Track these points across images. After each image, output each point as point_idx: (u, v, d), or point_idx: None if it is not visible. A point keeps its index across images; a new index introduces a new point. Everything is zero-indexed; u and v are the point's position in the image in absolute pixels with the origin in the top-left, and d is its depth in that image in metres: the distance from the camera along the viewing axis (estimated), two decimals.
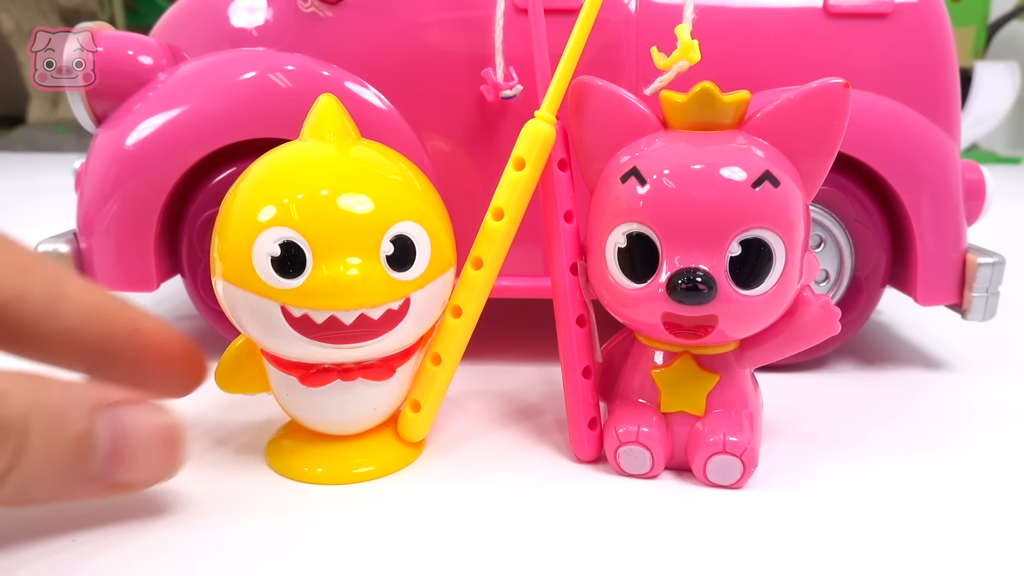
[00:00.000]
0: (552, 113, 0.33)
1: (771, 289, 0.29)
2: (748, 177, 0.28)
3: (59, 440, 0.25)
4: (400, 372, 0.32)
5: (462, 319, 0.33)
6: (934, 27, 0.44)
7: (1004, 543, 0.28)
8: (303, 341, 0.29)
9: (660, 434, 0.32)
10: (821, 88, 0.29)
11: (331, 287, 0.28)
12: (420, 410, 0.33)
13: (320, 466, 0.33)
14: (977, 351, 0.50)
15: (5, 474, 0.24)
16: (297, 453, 0.33)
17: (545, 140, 0.33)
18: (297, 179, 0.29)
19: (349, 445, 0.33)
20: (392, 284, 0.29)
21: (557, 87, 0.33)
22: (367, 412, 0.33)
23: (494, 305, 0.60)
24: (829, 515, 0.30)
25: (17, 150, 1.87)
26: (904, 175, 0.42)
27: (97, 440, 0.26)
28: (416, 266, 0.30)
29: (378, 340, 0.30)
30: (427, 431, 0.34)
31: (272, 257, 0.28)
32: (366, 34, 0.43)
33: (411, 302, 0.30)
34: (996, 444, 0.37)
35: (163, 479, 0.29)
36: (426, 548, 0.28)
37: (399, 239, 0.29)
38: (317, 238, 0.28)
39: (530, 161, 0.33)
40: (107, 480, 0.27)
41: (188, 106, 0.41)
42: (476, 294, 0.33)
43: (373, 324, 0.29)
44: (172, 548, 0.28)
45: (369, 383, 0.31)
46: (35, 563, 0.27)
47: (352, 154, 0.31)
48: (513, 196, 0.33)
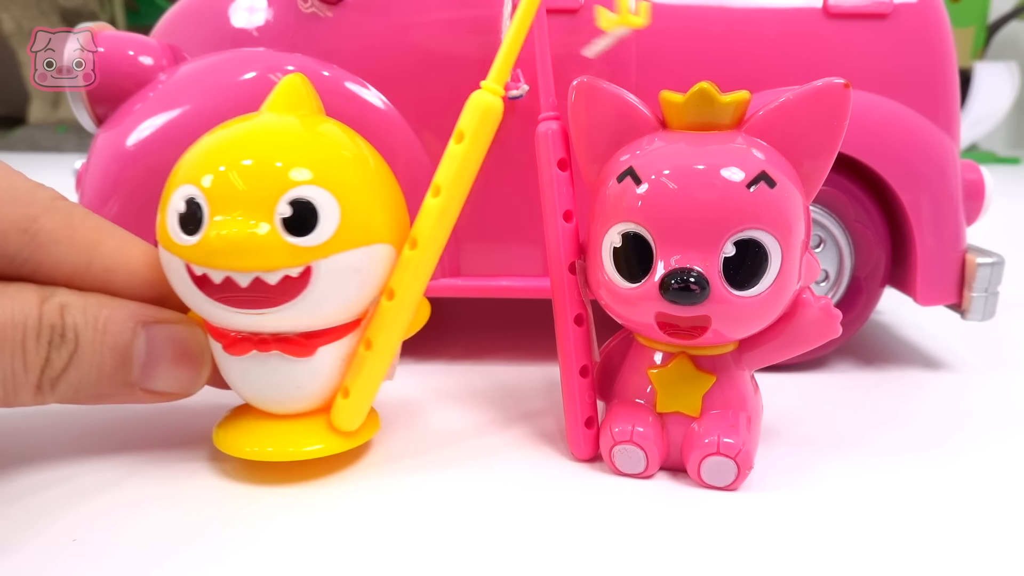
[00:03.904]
0: (499, 84, 0.32)
1: (767, 290, 0.29)
2: (744, 178, 0.28)
3: (105, 348, 0.30)
4: (325, 352, 0.31)
5: (394, 302, 0.31)
6: (934, 27, 0.44)
7: (1004, 543, 0.28)
8: (209, 303, 0.29)
9: (655, 434, 0.32)
10: (821, 88, 0.29)
11: (218, 244, 0.28)
12: (348, 396, 0.32)
13: (258, 445, 0.32)
14: (977, 351, 0.50)
15: (61, 374, 0.29)
16: (240, 430, 0.33)
17: (487, 111, 0.32)
18: (222, 143, 0.30)
19: (290, 425, 0.32)
20: (287, 248, 0.28)
21: (505, 58, 0.32)
22: (292, 391, 0.32)
23: (494, 305, 0.60)
24: (825, 516, 0.30)
25: (17, 150, 1.87)
26: (904, 175, 0.42)
27: (135, 351, 0.31)
28: (318, 233, 0.29)
29: (281, 309, 0.29)
30: (359, 420, 0.33)
31: (179, 214, 0.29)
32: (366, 34, 0.43)
33: (313, 271, 0.29)
34: (995, 444, 0.37)
35: (187, 392, 0.33)
36: (418, 544, 0.28)
37: (298, 202, 0.28)
38: (214, 195, 0.28)
39: (469, 133, 0.31)
40: (143, 386, 0.31)
41: (188, 106, 0.42)
42: (408, 275, 0.31)
43: (270, 290, 0.29)
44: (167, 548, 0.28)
45: (288, 358, 0.31)
46: (35, 563, 0.27)
47: (285, 123, 0.31)
48: (450, 171, 0.31)
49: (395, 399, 0.41)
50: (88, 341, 0.30)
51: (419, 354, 0.48)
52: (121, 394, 0.31)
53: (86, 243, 0.31)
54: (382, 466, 0.34)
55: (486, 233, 0.44)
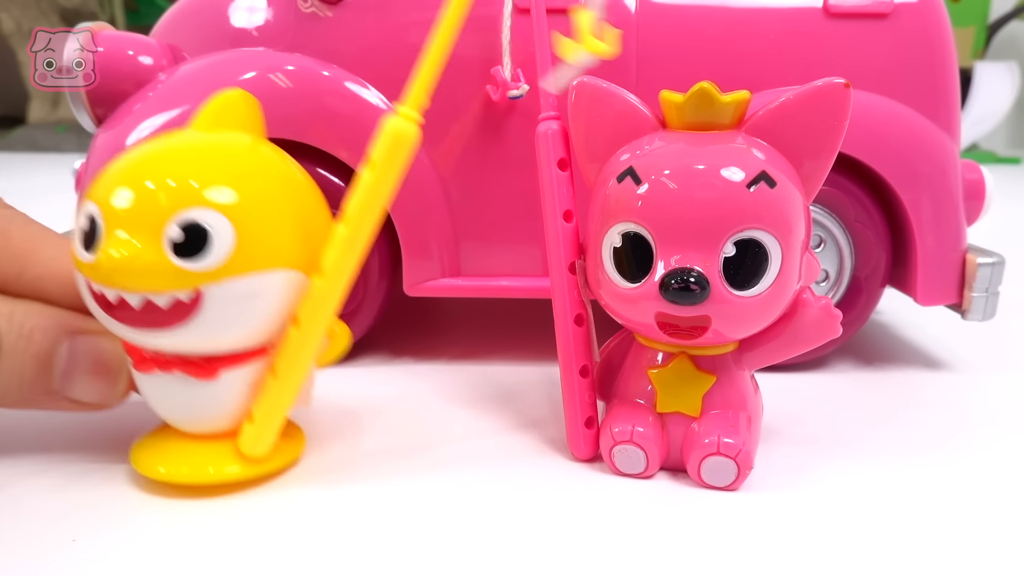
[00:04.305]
0: (414, 108, 0.31)
1: (767, 290, 0.29)
2: (743, 178, 0.28)
3: (27, 356, 0.31)
4: (229, 376, 0.30)
5: (299, 329, 0.30)
6: (934, 27, 0.44)
7: (1004, 543, 0.28)
8: (109, 320, 0.29)
9: (655, 434, 0.32)
10: (822, 88, 0.29)
11: (107, 264, 0.27)
12: (253, 422, 0.31)
13: (171, 466, 0.31)
14: (977, 351, 0.50)
15: None
16: (156, 449, 0.32)
17: (398, 138, 0.30)
18: (129, 161, 0.29)
19: (207, 446, 0.32)
20: (175, 272, 0.28)
21: (422, 79, 0.31)
22: (197, 413, 0.31)
23: (494, 305, 0.60)
24: (826, 517, 0.30)
25: (17, 150, 1.87)
26: (904, 175, 0.42)
27: (57, 360, 0.31)
28: (209, 257, 0.28)
29: (174, 332, 0.29)
30: (264, 445, 0.31)
31: (82, 231, 0.28)
32: (366, 34, 0.43)
33: (205, 296, 0.28)
34: (996, 444, 0.36)
35: (106, 404, 0.33)
36: (418, 544, 0.28)
37: (190, 225, 0.28)
38: (110, 214, 0.28)
39: (379, 161, 0.30)
40: (63, 395, 0.32)
41: (188, 106, 0.41)
42: (311, 302, 0.30)
43: (162, 312, 0.28)
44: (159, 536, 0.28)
45: (190, 380, 0.30)
46: (36, 562, 0.27)
47: (196, 143, 0.30)
48: (358, 199, 0.30)
49: (395, 399, 0.41)
50: (11, 348, 0.30)
51: (419, 354, 0.48)
52: (44, 401, 0.32)
53: (19, 252, 0.32)
54: (382, 465, 0.34)
55: (486, 233, 0.44)
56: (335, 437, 0.37)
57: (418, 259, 0.44)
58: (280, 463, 0.33)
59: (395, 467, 0.34)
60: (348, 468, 0.34)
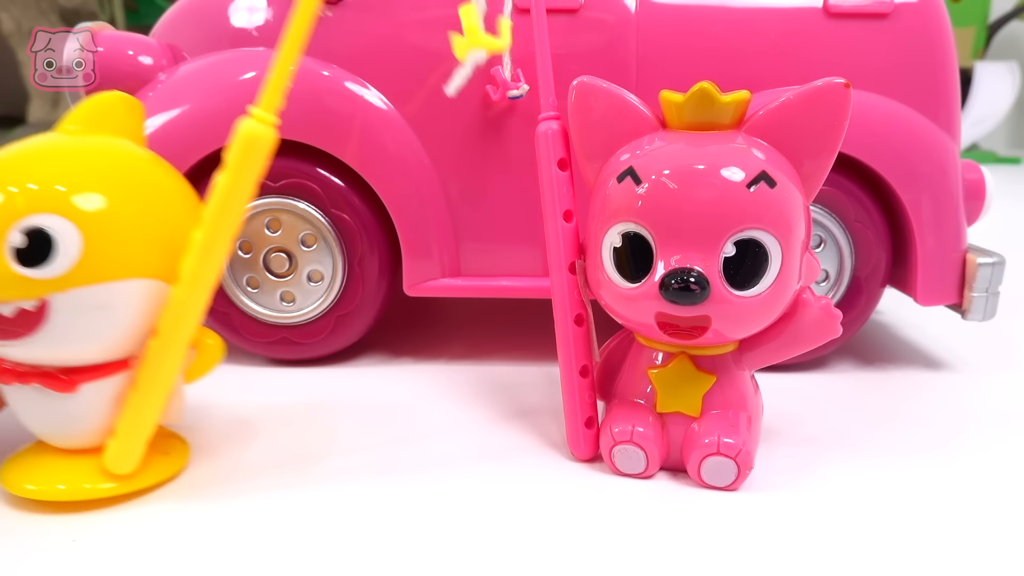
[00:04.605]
0: (269, 110, 0.30)
1: (767, 290, 0.29)
2: (743, 178, 0.28)
3: None
4: (89, 389, 0.30)
5: (159, 341, 0.30)
6: (934, 27, 0.44)
7: (1004, 543, 0.28)
8: None
9: (655, 434, 0.32)
10: (822, 88, 0.29)
11: None
12: (116, 437, 0.30)
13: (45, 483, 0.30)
14: (977, 351, 0.50)
15: None
16: (29, 463, 0.31)
17: (251, 141, 0.29)
18: None
19: (85, 460, 0.31)
20: (18, 280, 0.27)
21: (275, 82, 0.30)
22: (61, 426, 0.31)
23: (495, 305, 0.60)
24: (826, 517, 0.30)
25: None
26: (904, 175, 0.42)
27: None
28: (54, 265, 0.27)
29: (23, 342, 0.28)
30: (130, 461, 0.30)
31: None
32: (366, 34, 0.43)
33: (51, 305, 0.27)
34: (996, 444, 0.36)
35: None
36: (420, 544, 0.28)
37: (33, 232, 0.27)
38: None
39: (233, 164, 0.29)
40: None
41: (188, 106, 0.42)
42: (169, 312, 0.29)
43: (8, 322, 0.27)
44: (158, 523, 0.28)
45: (49, 393, 0.29)
46: (36, 562, 0.27)
47: (51, 147, 0.29)
48: (212, 204, 0.29)
49: (396, 398, 0.41)
50: None
51: (419, 354, 0.48)
52: None
53: None
54: (382, 465, 0.34)
55: (486, 233, 0.44)
56: (332, 435, 0.37)
57: (418, 259, 0.44)
58: (155, 479, 0.32)
59: (394, 465, 0.34)
60: (348, 468, 0.34)
